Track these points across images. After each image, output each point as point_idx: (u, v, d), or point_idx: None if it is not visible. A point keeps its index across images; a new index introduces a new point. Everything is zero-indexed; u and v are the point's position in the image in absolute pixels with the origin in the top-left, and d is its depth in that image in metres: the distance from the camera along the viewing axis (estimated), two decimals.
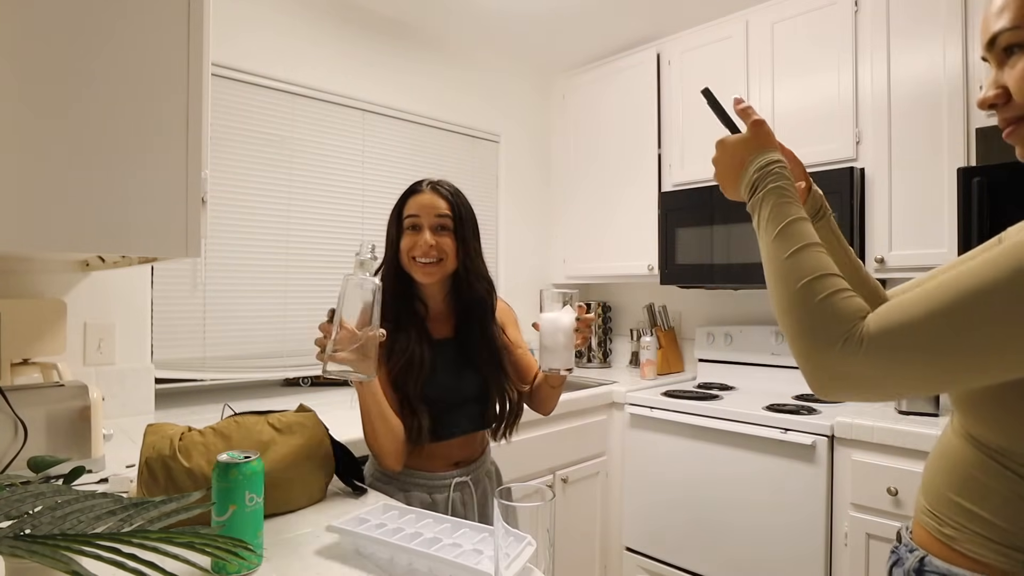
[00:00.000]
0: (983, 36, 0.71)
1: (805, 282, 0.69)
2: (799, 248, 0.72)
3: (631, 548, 2.27)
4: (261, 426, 1.12)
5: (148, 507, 0.56)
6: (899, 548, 0.82)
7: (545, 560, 0.74)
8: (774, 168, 0.79)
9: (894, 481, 1.65)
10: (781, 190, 0.77)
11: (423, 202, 1.25)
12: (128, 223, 0.95)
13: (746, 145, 0.83)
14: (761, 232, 0.77)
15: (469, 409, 1.31)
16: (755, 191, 0.79)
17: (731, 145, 0.85)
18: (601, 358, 3.01)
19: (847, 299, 0.67)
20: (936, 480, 0.76)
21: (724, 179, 0.87)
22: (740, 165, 0.83)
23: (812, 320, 0.67)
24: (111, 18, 0.93)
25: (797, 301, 0.69)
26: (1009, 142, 0.72)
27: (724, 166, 0.86)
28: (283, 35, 2.20)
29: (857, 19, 2.04)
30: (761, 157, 0.80)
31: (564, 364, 1.15)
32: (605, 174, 2.81)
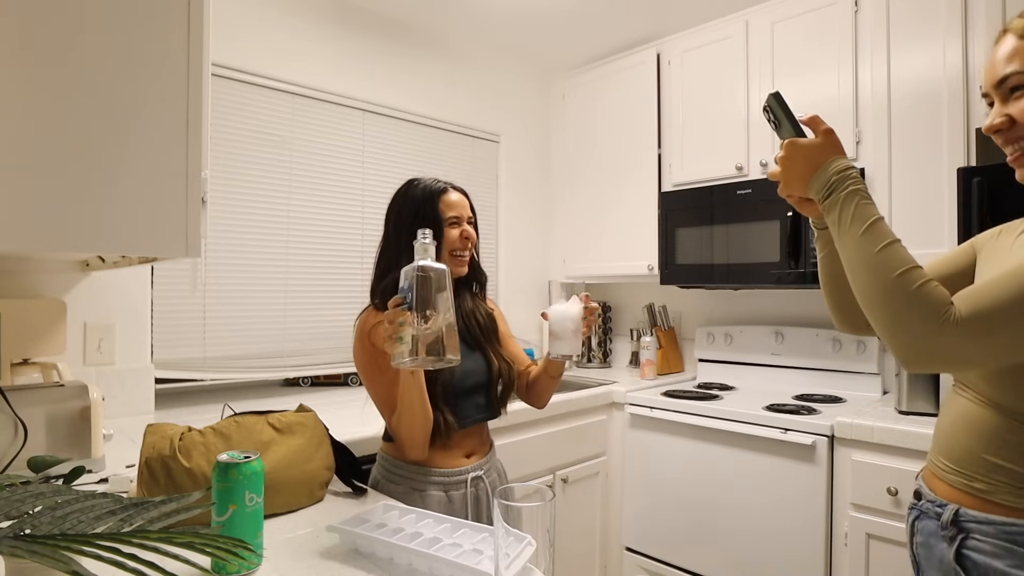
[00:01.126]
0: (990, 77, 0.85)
1: (900, 273, 0.78)
2: (888, 244, 0.81)
3: (631, 548, 2.27)
4: (261, 426, 1.12)
5: (148, 507, 0.56)
6: (920, 504, 0.93)
7: (545, 560, 0.74)
8: (852, 173, 0.88)
9: (894, 481, 1.65)
10: (861, 193, 0.86)
11: (458, 201, 1.32)
12: (128, 223, 0.95)
13: (821, 149, 0.91)
14: (843, 227, 0.86)
15: (479, 393, 1.32)
16: (833, 191, 0.88)
17: (804, 147, 0.93)
18: (601, 358, 3.01)
19: (936, 287, 0.77)
20: (961, 442, 0.87)
21: (793, 177, 0.94)
22: (814, 167, 0.91)
23: (909, 306, 0.77)
24: (111, 18, 0.93)
25: (894, 289, 0.78)
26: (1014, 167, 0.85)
27: (796, 165, 0.93)
28: (283, 35, 2.20)
29: (857, 19, 2.04)
30: (839, 162, 0.90)
31: (572, 350, 1.25)
32: (605, 174, 2.81)
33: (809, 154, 0.92)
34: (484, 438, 1.37)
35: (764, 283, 2.20)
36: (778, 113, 0.98)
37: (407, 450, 1.23)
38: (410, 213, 1.30)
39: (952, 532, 0.85)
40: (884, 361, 2.20)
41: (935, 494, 0.90)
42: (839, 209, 0.87)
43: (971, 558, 0.82)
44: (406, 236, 1.27)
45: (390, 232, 1.33)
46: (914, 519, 0.94)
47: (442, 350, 1.00)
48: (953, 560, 0.84)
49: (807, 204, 0.99)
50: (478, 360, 1.33)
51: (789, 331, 2.40)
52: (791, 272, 2.11)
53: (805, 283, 2.09)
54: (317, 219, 2.30)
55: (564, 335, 1.24)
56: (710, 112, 2.41)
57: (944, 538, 0.86)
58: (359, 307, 2.35)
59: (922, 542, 0.91)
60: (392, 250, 1.31)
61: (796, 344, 2.37)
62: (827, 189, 0.89)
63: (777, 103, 0.99)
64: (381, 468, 1.32)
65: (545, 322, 1.30)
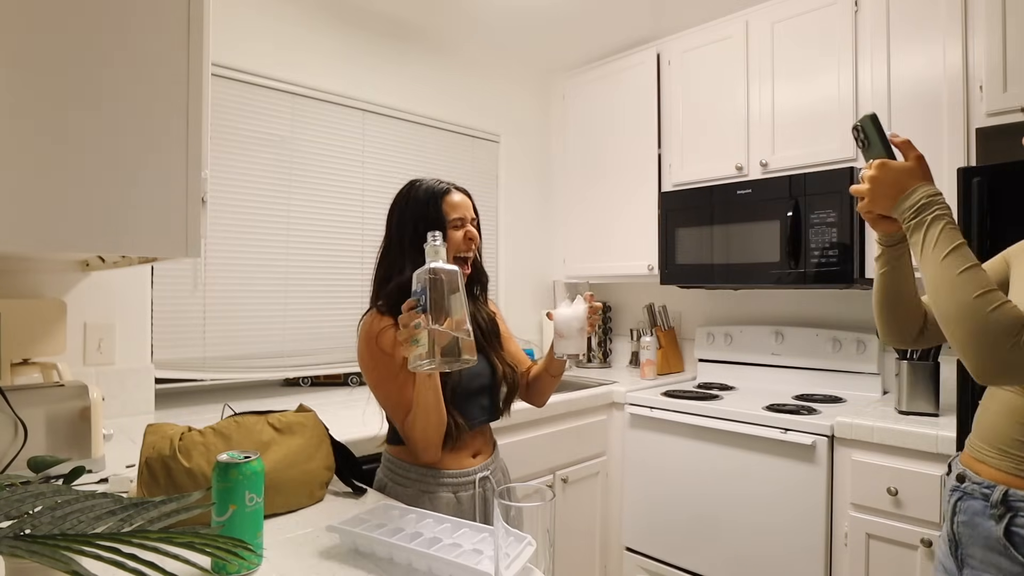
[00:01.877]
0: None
1: (979, 294, 0.86)
2: (970, 267, 0.88)
3: (631, 548, 2.27)
4: (261, 426, 1.12)
5: (148, 507, 0.56)
6: (964, 486, 1.01)
7: (545, 560, 0.74)
8: (940, 199, 0.95)
9: (894, 481, 1.65)
10: (947, 218, 0.93)
11: (461, 202, 1.31)
12: (128, 223, 0.95)
13: (911, 173, 0.98)
14: (927, 249, 0.93)
15: (483, 395, 1.31)
16: (920, 213, 0.94)
17: (896, 170, 0.99)
18: (601, 358, 3.01)
19: (1012, 308, 0.85)
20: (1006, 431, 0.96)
21: (881, 196, 1.00)
22: (902, 189, 0.97)
23: (986, 325, 0.85)
24: (111, 18, 0.93)
25: (972, 310, 0.86)
26: None
27: (885, 186, 0.99)
28: (283, 35, 2.20)
29: (857, 19, 2.04)
30: (928, 187, 0.96)
31: (577, 349, 1.28)
32: (605, 174, 2.81)
33: (900, 177, 0.98)
34: (488, 438, 1.37)
35: (764, 283, 2.20)
36: (871, 133, 1.03)
37: (421, 452, 1.22)
38: (413, 215, 1.28)
39: (1001, 511, 0.93)
40: (884, 361, 2.20)
41: (981, 477, 0.98)
42: (924, 231, 0.93)
43: (1020, 534, 0.91)
44: (409, 238, 1.26)
45: (392, 234, 1.31)
46: (956, 500, 1.01)
47: (458, 351, 1.00)
48: (1003, 536, 0.93)
49: (882, 222, 1.05)
50: (482, 362, 1.32)
51: (789, 331, 2.40)
52: (791, 272, 2.11)
53: (805, 283, 2.09)
54: (317, 219, 2.30)
55: (570, 335, 1.26)
56: (710, 112, 2.41)
57: (992, 516, 0.95)
58: (359, 307, 2.37)
59: (966, 520, 0.99)
60: (395, 252, 1.29)
61: (796, 344, 2.37)
62: (914, 211, 0.95)
63: (873, 124, 1.03)
64: (387, 471, 1.30)
65: (549, 322, 1.33)
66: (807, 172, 2.09)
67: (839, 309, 2.37)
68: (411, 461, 1.27)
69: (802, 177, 2.08)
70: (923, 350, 1.84)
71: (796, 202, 2.09)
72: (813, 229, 2.05)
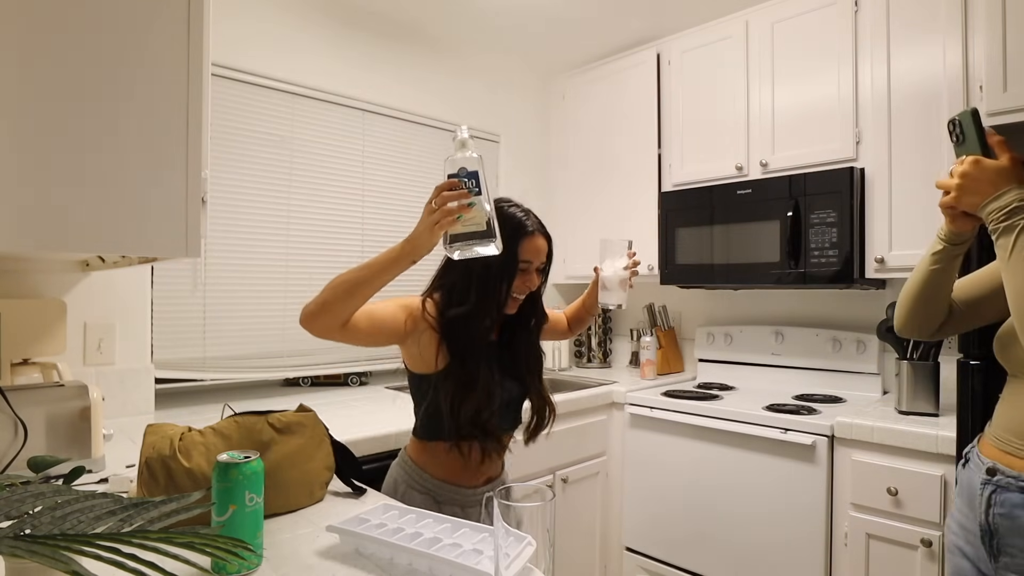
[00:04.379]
0: None
1: None
2: None
3: (631, 548, 2.27)
4: (261, 426, 1.12)
5: (148, 507, 0.56)
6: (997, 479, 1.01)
7: (545, 560, 0.74)
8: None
9: (894, 481, 1.65)
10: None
11: (538, 247, 1.30)
12: (128, 223, 0.95)
13: (1006, 174, 0.96)
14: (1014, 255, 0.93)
15: (506, 413, 1.33)
16: (1012, 217, 0.94)
17: (991, 169, 0.97)
18: (601, 358, 3.01)
19: None
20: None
21: (971, 193, 0.99)
22: (994, 188, 0.96)
23: None
24: (111, 18, 0.93)
25: None
26: None
27: (978, 183, 0.98)
28: (283, 35, 2.20)
29: (857, 19, 2.04)
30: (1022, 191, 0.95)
31: (619, 300, 1.41)
32: (605, 174, 2.81)
33: (993, 176, 0.97)
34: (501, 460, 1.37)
35: (764, 283, 2.20)
36: (968, 129, 1.02)
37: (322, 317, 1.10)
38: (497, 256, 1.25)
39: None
40: (884, 361, 2.20)
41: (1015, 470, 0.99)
42: (1016, 236, 0.93)
43: None
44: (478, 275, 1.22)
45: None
46: (991, 492, 1.02)
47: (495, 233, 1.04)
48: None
49: (961, 219, 1.04)
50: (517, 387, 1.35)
51: (789, 331, 2.40)
52: (791, 272, 2.11)
53: (805, 283, 2.09)
54: (317, 219, 2.29)
55: (612, 286, 1.40)
56: (710, 112, 2.41)
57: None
58: None
59: (1005, 513, 1.00)
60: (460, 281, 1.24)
61: (796, 344, 2.37)
62: (1006, 214, 0.94)
63: (973, 120, 1.01)
64: (404, 472, 1.30)
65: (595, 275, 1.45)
66: (807, 172, 2.09)
67: (839, 309, 2.37)
68: (432, 474, 1.28)
69: (802, 177, 2.08)
70: (923, 350, 1.84)
71: (796, 202, 2.09)
72: (813, 229, 2.05)
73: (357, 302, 1.11)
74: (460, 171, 1.06)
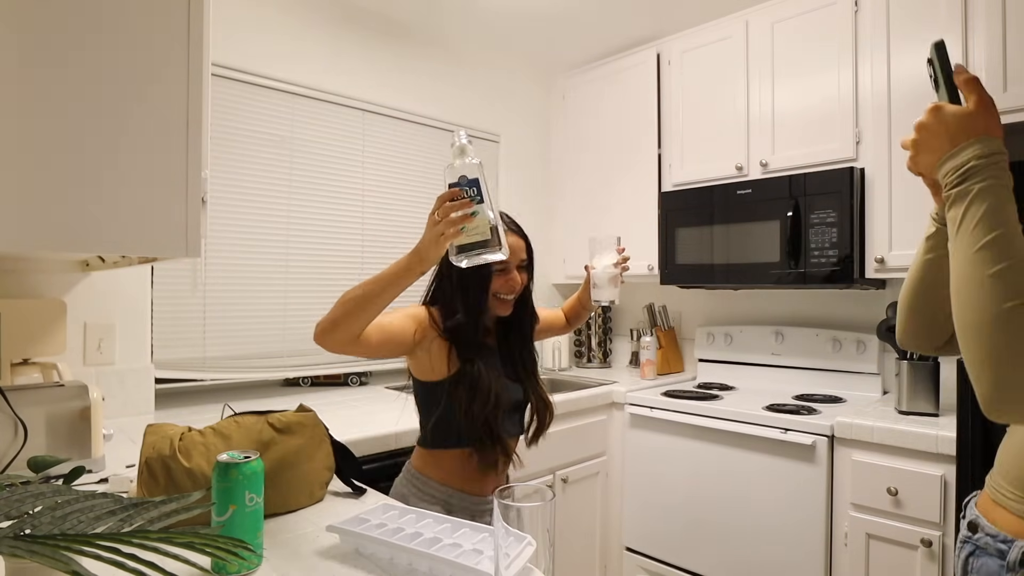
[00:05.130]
0: None
1: (1013, 305, 0.64)
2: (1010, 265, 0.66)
3: (631, 548, 2.27)
4: (261, 426, 1.12)
5: (148, 507, 0.56)
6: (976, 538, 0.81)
7: (545, 560, 0.74)
8: (996, 160, 0.70)
9: (894, 481, 1.65)
10: (998, 190, 0.69)
11: (512, 245, 1.31)
12: (128, 223, 0.95)
13: (968, 124, 0.73)
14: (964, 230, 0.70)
15: (510, 418, 1.33)
16: (966, 179, 0.71)
17: (950, 116, 0.74)
18: (601, 358, 3.01)
19: None
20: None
21: (926, 148, 0.77)
22: (951, 143, 0.74)
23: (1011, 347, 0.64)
24: (111, 18, 0.93)
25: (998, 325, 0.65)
26: None
27: (933, 135, 0.76)
28: (283, 35, 2.20)
29: (857, 19, 2.04)
30: (983, 145, 0.71)
31: (611, 297, 1.39)
32: (605, 174, 2.81)
33: (952, 127, 0.74)
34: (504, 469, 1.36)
35: (764, 283, 2.20)
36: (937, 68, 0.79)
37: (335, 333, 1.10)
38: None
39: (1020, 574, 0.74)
40: (884, 361, 2.20)
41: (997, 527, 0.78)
42: (965, 205, 0.70)
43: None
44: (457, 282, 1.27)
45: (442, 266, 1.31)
46: (968, 554, 0.82)
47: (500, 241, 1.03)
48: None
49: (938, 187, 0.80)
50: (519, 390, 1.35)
51: (789, 331, 2.40)
52: (791, 272, 2.11)
53: (805, 283, 2.09)
54: (317, 219, 2.29)
55: (602, 283, 1.39)
56: (710, 112, 2.41)
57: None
58: None
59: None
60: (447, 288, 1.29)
61: (796, 344, 2.37)
62: (960, 175, 0.72)
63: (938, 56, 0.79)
64: (411, 485, 1.30)
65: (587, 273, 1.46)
66: (807, 172, 2.09)
67: (839, 309, 2.37)
68: (439, 479, 1.28)
69: (802, 177, 2.08)
70: None
71: (796, 202, 2.09)
72: (813, 229, 2.05)
73: (368, 316, 1.11)
74: (461, 179, 1.05)
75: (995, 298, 0.65)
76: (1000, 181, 0.70)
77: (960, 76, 0.76)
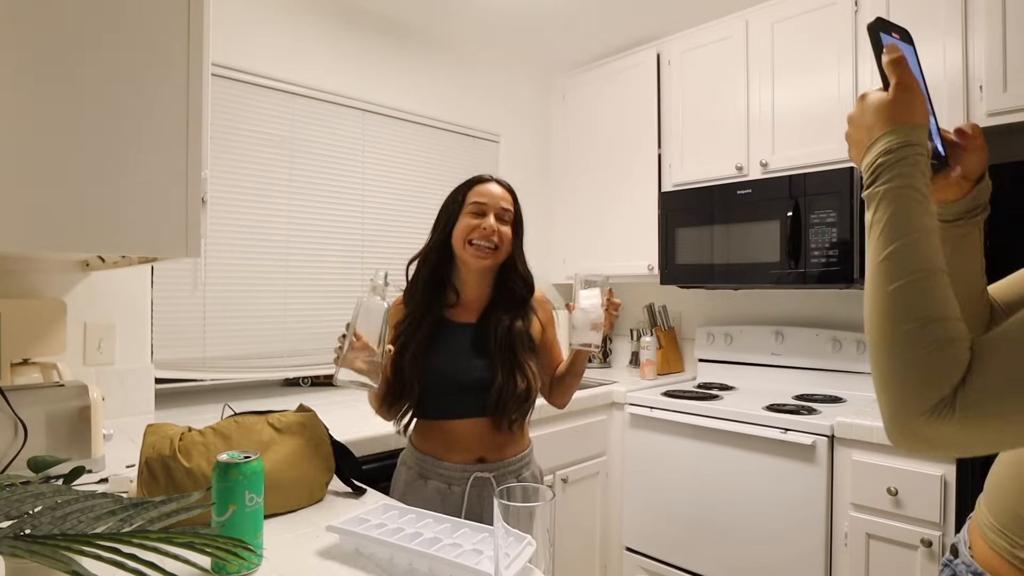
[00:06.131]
0: None
1: (908, 330, 0.57)
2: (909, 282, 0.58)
3: (631, 548, 2.27)
4: (261, 426, 1.12)
5: (148, 507, 0.56)
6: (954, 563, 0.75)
7: (545, 560, 0.74)
8: (906, 155, 0.61)
9: (894, 481, 1.65)
10: (903, 193, 0.61)
11: (491, 191, 1.31)
12: (128, 223, 0.95)
13: (885, 110, 0.64)
14: (870, 238, 0.63)
15: (480, 395, 1.28)
16: (875, 179, 0.63)
17: (870, 105, 0.66)
18: (601, 358, 3.01)
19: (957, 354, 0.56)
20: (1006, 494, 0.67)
21: (853, 142, 0.70)
22: (871, 134, 0.65)
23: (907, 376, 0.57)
24: (111, 18, 0.93)
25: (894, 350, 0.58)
26: None
27: (857, 127, 0.68)
28: (283, 35, 2.20)
29: (857, 19, 2.04)
30: (897, 134, 0.62)
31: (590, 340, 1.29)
32: (605, 174, 2.81)
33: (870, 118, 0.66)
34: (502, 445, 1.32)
35: (764, 283, 2.20)
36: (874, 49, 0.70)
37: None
38: (445, 202, 1.35)
39: None
40: None
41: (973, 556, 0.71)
42: (873, 210, 0.63)
43: None
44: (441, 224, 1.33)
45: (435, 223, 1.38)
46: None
47: (368, 374, 1.14)
48: None
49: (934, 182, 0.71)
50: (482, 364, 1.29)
51: (789, 331, 2.40)
52: (791, 272, 2.11)
53: (805, 283, 2.09)
54: (317, 219, 2.29)
55: (582, 327, 1.28)
56: (710, 112, 2.41)
57: None
58: None
59: None
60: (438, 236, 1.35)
61: (796, 344, 2.37)
62: (870, 175, 0.64)
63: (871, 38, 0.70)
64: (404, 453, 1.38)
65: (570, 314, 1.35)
66: (807, 172, 2.08)
67: (839, 309, 2.37)
68: (418, 447, 1.34)
69: (802, 177, 2.08)
70: None
71: (796, 202, 2.09)
72: (813, 229, 2.05)
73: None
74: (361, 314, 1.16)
75: (893, 319, 0.58)
76: (906, 180, 0.61)
77: (884, 57, 0.67)
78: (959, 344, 0.56)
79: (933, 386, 0.55)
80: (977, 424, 0.54)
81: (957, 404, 0.54)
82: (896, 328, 0.58)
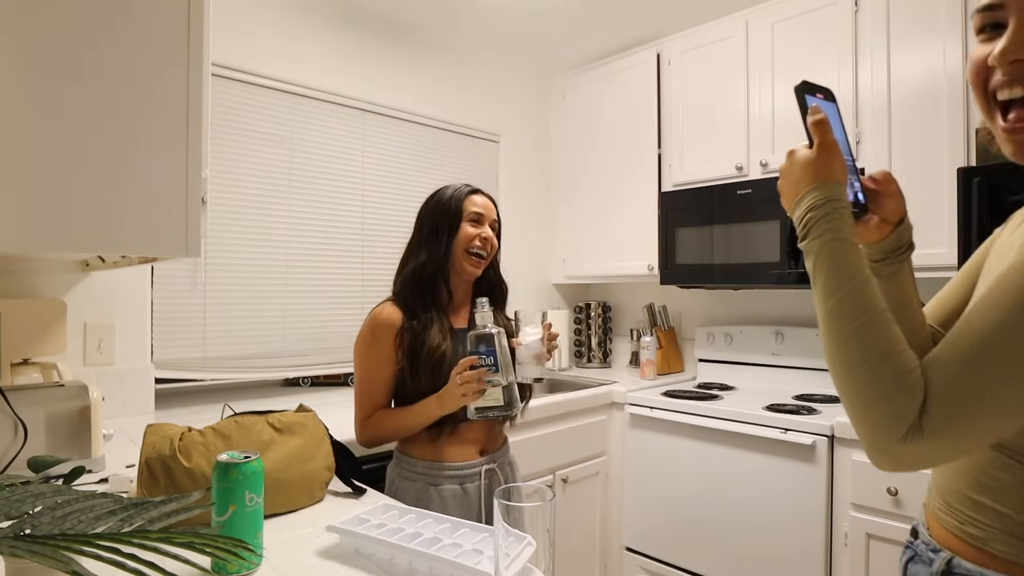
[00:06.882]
0: None
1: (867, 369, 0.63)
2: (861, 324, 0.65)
3: (631, 548, 2.27)
4: (261, 426, 1.12)
5: (148, 507, 0.56)
6: (915, 544, 0.81)
7: (545, 560, 0.74)
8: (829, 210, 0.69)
9: (894, 481, 1.65)
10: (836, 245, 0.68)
11: (485, 203, 1.40)
12: (128, 223, 0.95)
13: (811, 169, 0.72)
14: (814, 285, 0.71)
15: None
16: (807, 233, 0.71)
17: (797, 162, 0.74)
18: (601, 358, 3.01)
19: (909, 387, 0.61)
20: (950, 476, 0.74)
21: (784, 194, 0.77)
22: (797, 189, 0.73)
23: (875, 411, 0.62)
24: (111, 18, 0.93)
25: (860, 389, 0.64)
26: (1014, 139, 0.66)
27: (787, 181, 0.76)
28: (283, 35, 2.20)
29: (857, 19, 2.04)
30: (819, 191, 0.70)
31: (536, 374, 1.32)
32: (605, 174, 2.81)
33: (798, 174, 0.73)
34: (495, 434, 1.41)
35: (764, 283, 2.20)
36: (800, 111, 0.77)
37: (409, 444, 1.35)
38: (435, 210, 1.38)
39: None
40: None
41: (931, 536, 0.77)
42: (812, 262, 0.71)
43: None
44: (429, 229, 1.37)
45: (416, 230, 1.42)
46: (907, 560, 0.83)
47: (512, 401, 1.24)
48: None
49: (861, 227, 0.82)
50: None
51: (789, 331, 2.40)
52: (791, 272, 2.11)
53: (805, 283, 2.09)
54: (317, 219, 2.29)
55: (527, 361, 1.31)
56: (710, 112, 2.41)
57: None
58: (359, 307, 2.37)
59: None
60: (414, 243, 1.40)
61: (796, 344, 2.37)
62: (802, 229, 0.72)
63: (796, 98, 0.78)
64: (396, 468, 1.37)
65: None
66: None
67: None
68: (418, 456, 1.32)
69: None
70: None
71: None
72: None
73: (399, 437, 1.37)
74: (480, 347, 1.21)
75: (852, 361, 0.65)
76: (836, 234, 0.69)
77: (809, 118, 0.74)
78: (913, 373, 0.62)
79: (900, 417, 0.61)
80: (946, 439, 0.60)
81: (924, 427, 0.60)
82: (856, 370, 0.64)
